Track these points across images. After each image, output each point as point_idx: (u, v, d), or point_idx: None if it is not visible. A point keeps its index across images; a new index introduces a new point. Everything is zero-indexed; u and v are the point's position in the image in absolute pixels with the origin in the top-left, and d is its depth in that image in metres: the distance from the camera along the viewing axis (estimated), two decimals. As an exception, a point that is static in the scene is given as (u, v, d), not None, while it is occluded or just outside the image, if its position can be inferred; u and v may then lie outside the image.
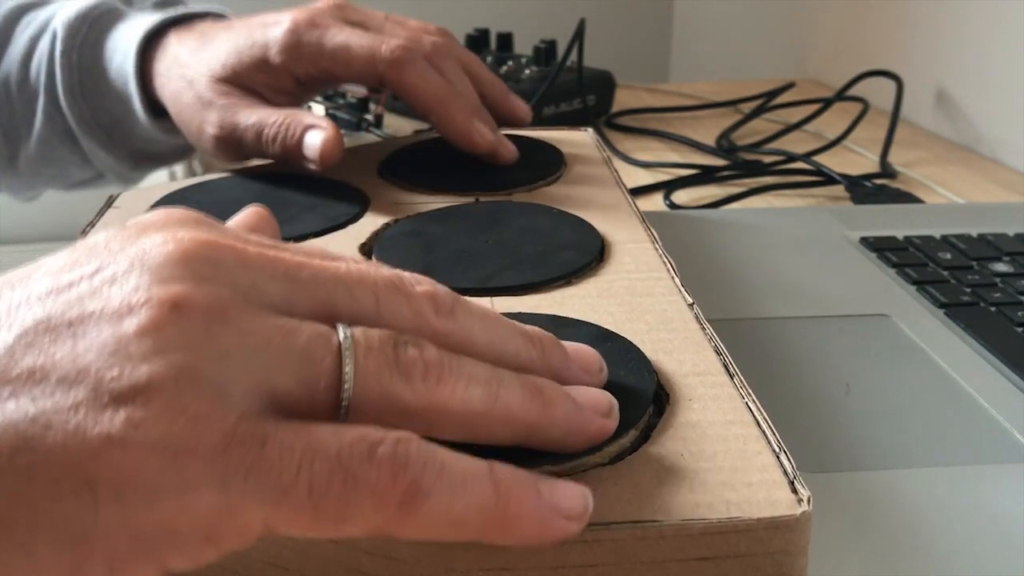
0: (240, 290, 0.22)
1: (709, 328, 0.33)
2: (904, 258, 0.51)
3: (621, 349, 0.30)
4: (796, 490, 0.24)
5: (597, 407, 0.25)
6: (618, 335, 0.31)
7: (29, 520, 0.18)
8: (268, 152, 0.47)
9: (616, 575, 0.23)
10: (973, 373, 0.40)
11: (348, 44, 0.47)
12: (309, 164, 0.45)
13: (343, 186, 0.46)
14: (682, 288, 0.36)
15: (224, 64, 0.48)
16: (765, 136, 0.81)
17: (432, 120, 0.48)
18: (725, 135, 0.82)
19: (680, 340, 0.32)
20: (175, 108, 0.50)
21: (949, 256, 0.51)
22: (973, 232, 0.55)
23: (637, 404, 0.27)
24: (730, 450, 0.26)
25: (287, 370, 0.21)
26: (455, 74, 0.49)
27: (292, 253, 0.24)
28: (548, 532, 0.22)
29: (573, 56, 0.82)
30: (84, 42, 0.54)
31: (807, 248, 0.54)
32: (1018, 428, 0.36)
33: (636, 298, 0.35)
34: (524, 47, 0.91)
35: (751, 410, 0.28)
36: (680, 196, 0.68)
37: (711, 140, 0.82)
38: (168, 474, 0.19)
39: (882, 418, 0.37)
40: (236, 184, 0.47)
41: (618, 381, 0.27)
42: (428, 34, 0.49)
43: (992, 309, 0.46)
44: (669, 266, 0.38)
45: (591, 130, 0.57)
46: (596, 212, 0.43)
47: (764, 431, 0.27)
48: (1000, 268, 0.50)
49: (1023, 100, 0.76)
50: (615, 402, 0.26)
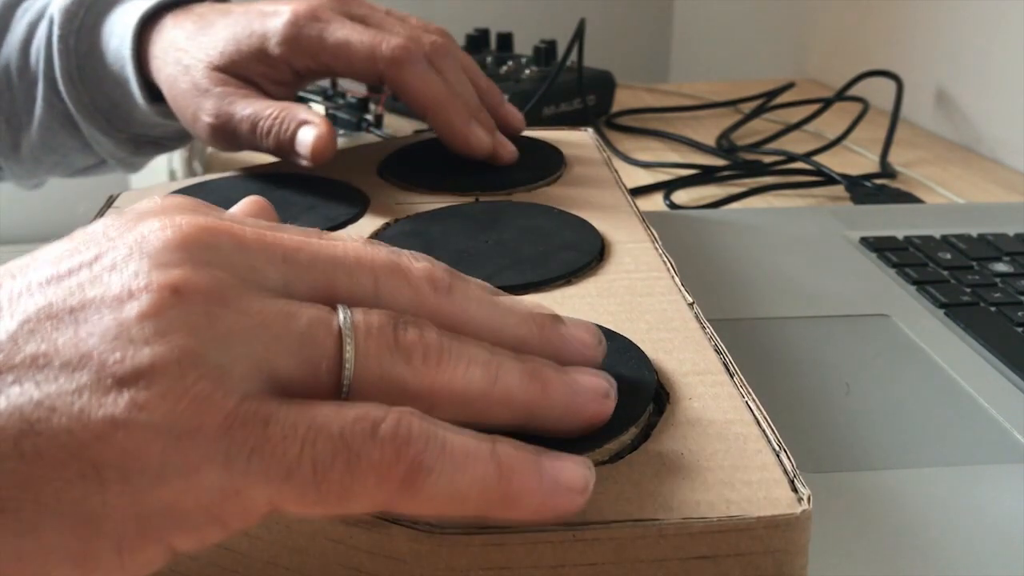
0: (239, 273, 0.22)
1: (709, 327, 0.33)
2: (904, 258, 0.52)
3: (621, 348, 0.30)
4: (796, 489, 0.24)
5: (595, 390, 0.25)
6: (618, 334, 0.31)
7: (36, 503, 0.19)
8: (262, 145, 0.46)
9: (616, 574, 0.23)
10: (973, 373, 0.40)
11: (349, 40, 0.46)
12: (301, 160, 0.45)
13: (343, 186, 0.46)
14: (682, 288, 0.36)
15: (222, 52, 0.48)
16: (765, 136, 0.81)
17: (430, 121, 0.48)
18: (725, 135, 0.82)
19: (680, 339, 0.32)
20: (171, 93, 0.50)
21: (949, 256, 0.51)
22: (973, 232, 0.55)
23: (637, 403, 0.27)
24: (730, 449, 0.26)
25: (288, 352, 0.21)
26: (455, 74, 0.49)
27: (290, 235, 0.24)
28: (551, 507, 0.22)
29: (573, 56, 0.82)
30: (81, 26, 0.54)
31: (807, 248, 0.54)
32: (1018, 428, 0.37)
33: (636, 298, 0.35)
34: (524, 47, 0.91)
35: (751, 409, 0.28)
36: (680, 196, 0.68)
37: (711, 140, 0.82)
38: (172, 455, 0.19)
39: (882, 418, 0.37)
40: (236, 184, 0.47)
41: (619, 380, 0.27)
42: (428, 33, 0.49)
43: (992, 309, 0.46)
44: (669, 266, 0.38)
45: (591, 130, 0.57)
46: (596, 212, 0.43)
47: (764, 430, 0.27)
48: (1000, 268, 0.50)
49: (1023, 100, 0.76)
50: (614, 384, 0.26)
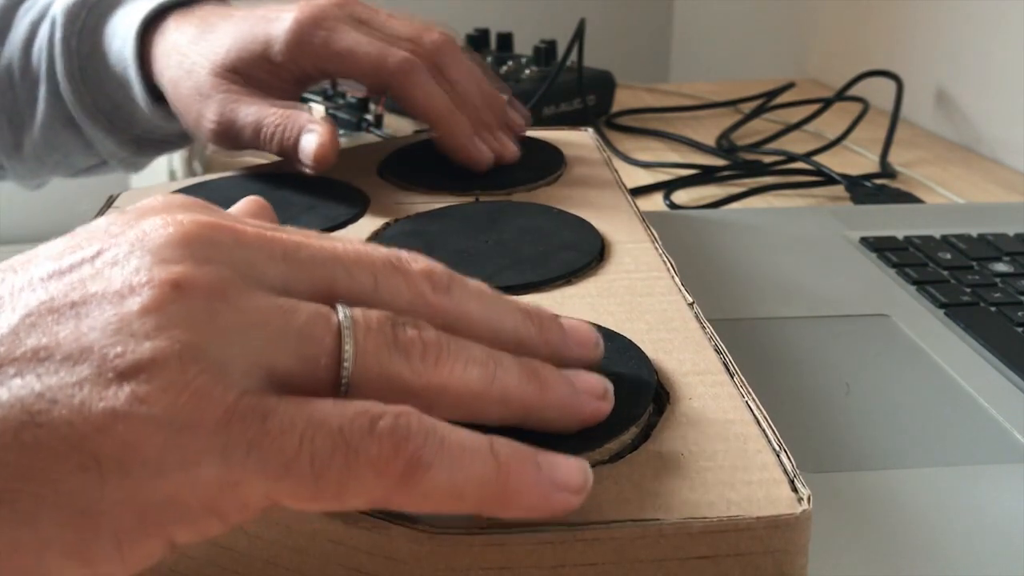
0: (239, 270, 0.22)
1: (709, 327, 0.33)
2: (904, 258, 0.51)
3: (621, 348, 0.30)
4: (796, 489, 0.24)
5: (593, 390, 0.26)
6: (618, 334, 0.31)
7: (35, 495, 0.19)
8: (264, 150, 0.47)
9: (616, 574, 0.23)
10: (973, 373, 0.40)
11: (354, 49, 0.46)
12: (303, 166, 0.45)
13: (343, 186, 0.46)
14: (682, 288, 0.36)
15: (225, 56, 0.48)
16: (765, 136, 0.81)
17: (433, 132, 0.48)
18: (725, 135, 0.82)
19: (680, 339, 0.32)
20: (173, 96, 0.50)
21: (949, 256, 0.51)
22: (973, 232, 0.55)
23: (637, 403, 0.27)
24: (730, 449, 0.26)
25: (287, 349, 0.22)
26: (460, 73, 0.48)
27: (290, 234, 0.24)
28: (548, 505, 0.22)
29: (573, 56, 0.82)
30: (83, 27, 0.54)
31: (807, 248, 0.54)
32: (1018, 428, 0.36)
33: (636, 298, 0.35)
34: (524, 47, 0.91)
35: (751, 409, 0.28)
36: (680, 196, 0.68)
37: (711, 140, 0.82)
38: (172, 448, 0.19)
39: (882, 418, 0.37)
40: (236, 184, 0.47)
41: (619, 380, 0.27)
42: (432, 33, 0.49)
43: (992, 309, 0.46)
44: (669, 266, 0.38)
45: (591, 130, 0.57)
46: (596, 212, 0.43)
47: (764, 430, 0.27)
48: (1000, 268, 0.50)
49: (1023, 100, 0.76)
50: (610, 385, 0.26)
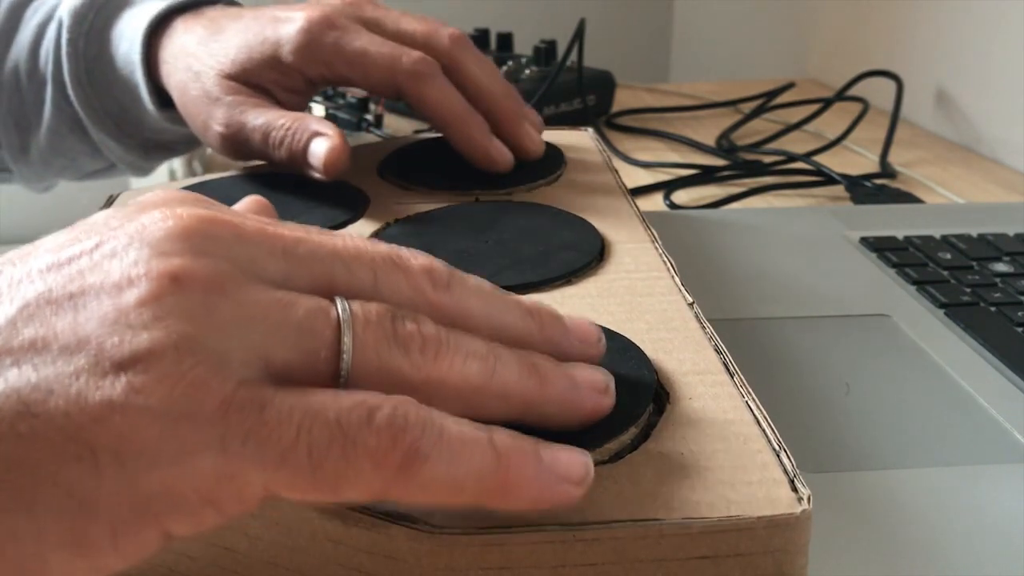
0: (238, 264, 0.22)
1: (709, 327, 0.33)
2: (904, 258, 0.51)
3: (621, 348, 0.30)
4: (796, 489, 0.24)
5: (594, 385, 0.25)
6: (618, 334, 0.31)
7: (32, 485, 0.19)
8: (273, 156, 0.46)
9: (616, 574, 0.23)
10: (973, 373, 0.40)
11: (367, 51, 0.45)
12: (313, 172, 0.44)
13: (343, 186, 0.46)
14: (682, 288, 0.36)
15: (233, 60, 0.47)
16: (765, 136, 0.81)
17: (449, 136, 0.47)
18: (725, 135, 0.82)
19: (680, 339, 0.32)
20: (181, 100, 0.49)
21: (949, 256, 0.51)
22: (973, 232, 0.55)
23: (637, 402, 0.27)
24: (730, 449, 0.26)
25: (285, 342, 0.22)
26: (478, 67, 0.48)
27: (290, 230, 0.24)
28: (548, 497, 0.22)
29: (573, 56, 0.82)
30: (90, 29, 0.53)
31: (807, 248, 0.54)
32: (1018, 428, 0.36)
33: (636, 298, 0.35)
34: (524, 47, 0.91)
35: (751, 409, 0.28)
36: (680, 196, 0.68)
37: (711, 140, 0.82)
38: (168, 439, 0.19)
39: (882, 418, 0.37)
40: (236, 184, 0.47)
41: (618, 379, 0.27)
42: (445, 29, 0.48)
43: (992, 309, 0.46)
44: (669, 266, 0.38)
45: (591, 130, 0.57)
46: (596, 212, 0.43)
47: (764, 430, 0.27)
48: (1000, 268, 0.50)
49: (1023, 100, 0.76)
50: (611, 380, 0.26)
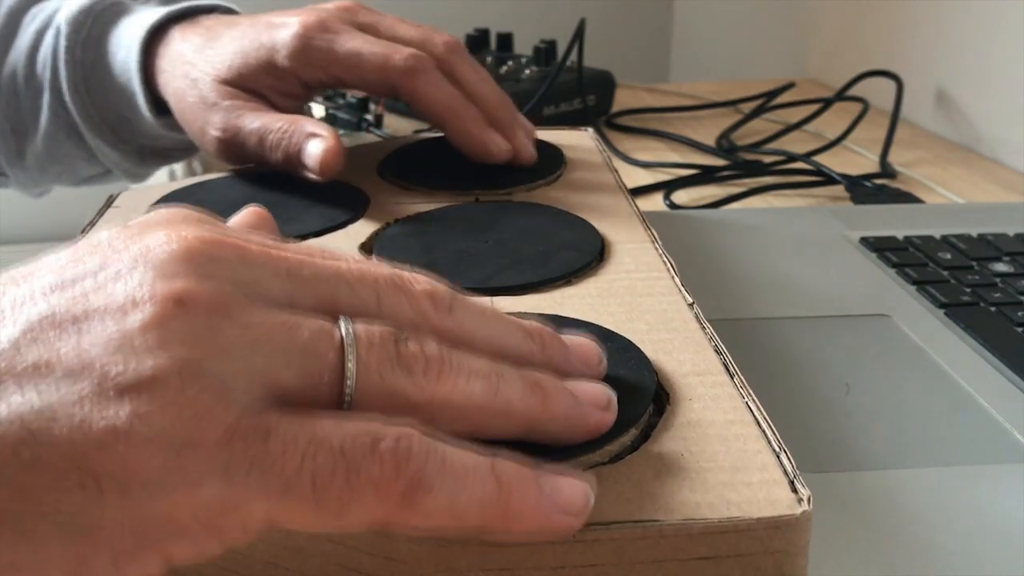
0: (242, 287, 0.22)
1: (709, 328, 0.33)
2: (904, 258, 0.51)
3: (621, 349, 0.30)
4: (796, 489, 0.24)
5: (596, 401, 0.26)
6: (618, 335, 0.31)
7: (34, 512, 0.19)
8: (270, 158, 0.46)
9: (616, 575, 0.23)
10: (973, 373, 0.40)
11: (360, 51, 0.46)
12: (309, 173, 0.45)
13: (343, 186, 0.46)
14: (682, 288, 0.36)
15: (230, 65, 0.47)
16: (765, 136, 0.81)
17: (445, 130, 0.47)
18: (725, 135, 0.82)
19: (680, 340, 0.32)
20: (178, 107, 0.50)
21: (949, 256, 0.51)
22: (973, 232, 0.55)
23: (637, 403, 0.27)
24: (730, 450, 0.26)
25: (290, 365, 0.21)
26: (471, 73, 0.48)
27: (294, 251, 0.24)
28: (549, 527, 0.22)
29: (573, 56, 0.82)
30: (88, 37, 0.54)
31: (807, 248, 0.54)
32: (1018, 428, 0.36)
33: (636, 298, 0.35)
34: (524, 47, 0.91)
35: (751, 410, 0.28)
36: (680, 196, 0.68)
37: (711, 140, 0.82)
38: (172, 467, 0.19)
39: (882, 418, 0.37)
40: (236, 184, 0.47)
41: (618, 381, 0.27)
42: (439, 35, 0.49)
43: (992, 309, 0.46)
44: (669, 266, 0.38)
45: (591, 130, 0.57)
46: (596, 212, 0.43)
47: (764, 431, 0.27)
48: (1000, 268, 0.50)
49: (1023, 100, 0.76)
50: (614, 396, 0.26)
